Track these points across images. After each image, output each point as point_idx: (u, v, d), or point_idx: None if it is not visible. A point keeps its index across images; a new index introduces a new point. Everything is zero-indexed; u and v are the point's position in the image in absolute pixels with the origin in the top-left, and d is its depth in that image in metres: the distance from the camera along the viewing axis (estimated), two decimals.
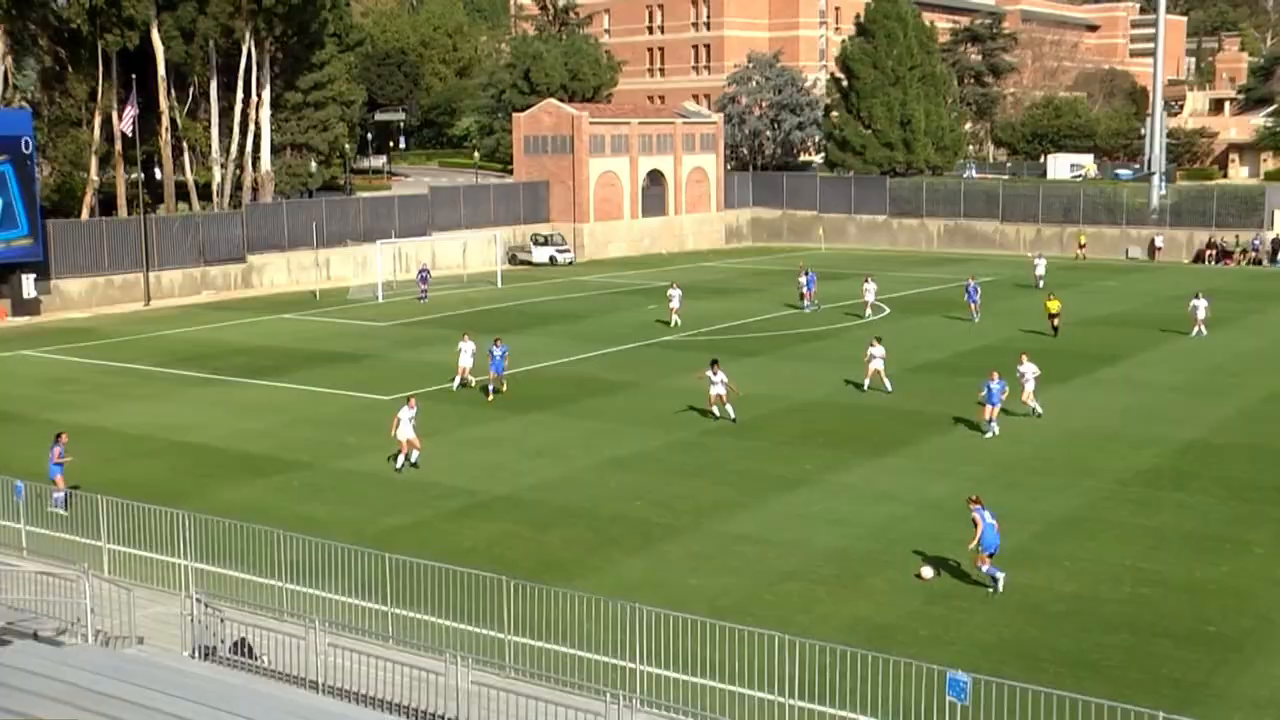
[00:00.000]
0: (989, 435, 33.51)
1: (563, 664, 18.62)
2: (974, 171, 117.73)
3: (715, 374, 35.60)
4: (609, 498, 28.46)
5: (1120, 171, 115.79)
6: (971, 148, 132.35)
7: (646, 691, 17.79)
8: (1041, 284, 63.58)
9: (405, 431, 30.71)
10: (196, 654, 18.00)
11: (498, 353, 38.83)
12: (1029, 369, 35.60)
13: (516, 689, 16.02)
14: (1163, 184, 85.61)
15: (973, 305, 53.74)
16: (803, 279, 58.79)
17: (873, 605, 22.05)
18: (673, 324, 52.37)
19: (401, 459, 30.98)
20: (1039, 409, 35.48)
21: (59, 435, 28.60)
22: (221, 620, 18.31)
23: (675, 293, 53.63)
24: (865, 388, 39.30)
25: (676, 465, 31.20)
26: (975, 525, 22.86)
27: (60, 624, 18.53)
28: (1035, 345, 46.48)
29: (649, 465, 31.20)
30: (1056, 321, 49.66)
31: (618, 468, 30.98)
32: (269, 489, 29.54)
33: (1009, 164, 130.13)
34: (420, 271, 65.27)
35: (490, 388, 38.86)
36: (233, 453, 32.94)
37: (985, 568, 22.77)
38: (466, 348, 39.71)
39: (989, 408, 33.74)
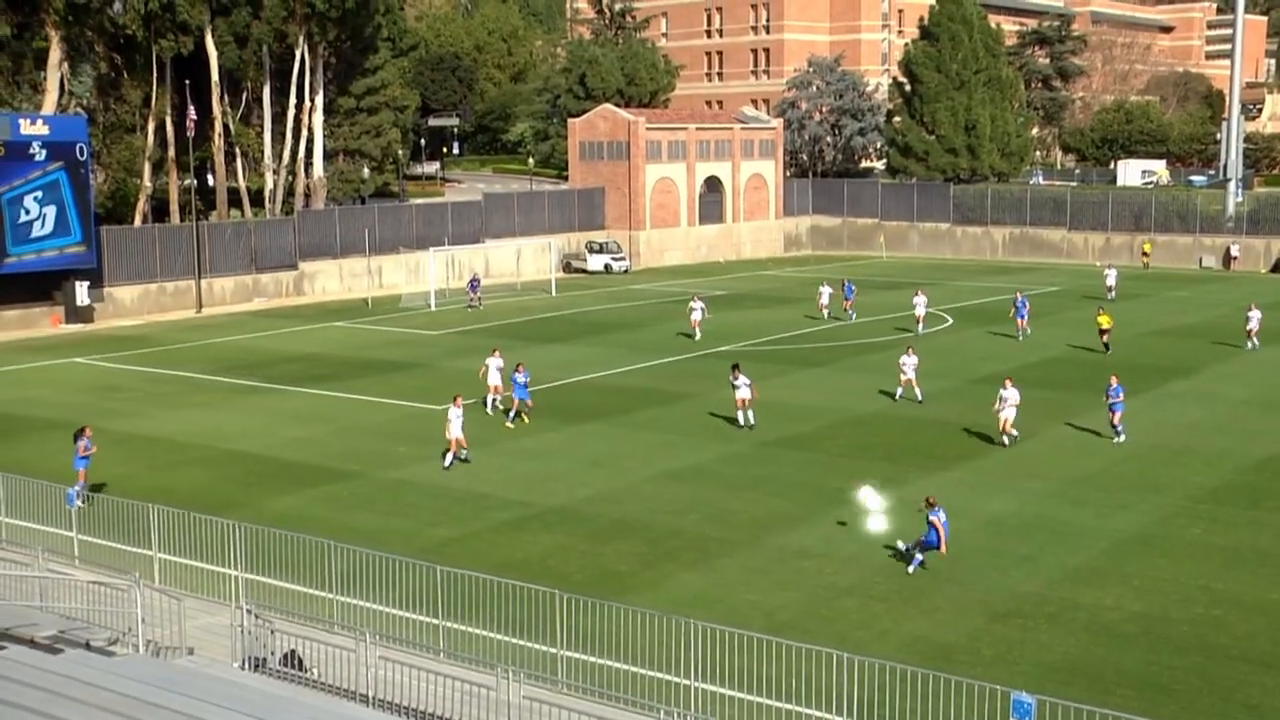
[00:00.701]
0: (1119, 440, 33.97)
1: (616, 680, 18.63)
2: (1041, 178, 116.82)
3: (737, 378, 36.07)
4: (664, 510, 28.45)
5: (1194, 178, 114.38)
6: (1039, 154, 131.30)
7: (701, 709, 17.78)
8: (1113, 295, 62.69)
9: (454, 430, 31.89)
10: (246, 665, 18.20)
11: (521, 379, 36.76)
12: (1011, 394, 33.78)
13: (569, 705, 16.07)
14: (1239, 190, 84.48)
15: (1021, 321, 51.61)
16: (824, 289, 58.21)
17: (933, 623, 21.90)
18: (695, 337, 51.99)
19: (450, 457, 31.96)
20: (1007, 440, 33.65)
21: (83, 429, 29.13)
22: (272, 632, 18.49)
23: (698, 305, 53.17)
24: (897, 397, 39.60)
25: (733, 478, 31.16)
26: (936, 529, 23.75)
27: (112, 634, 18.79)
28: (1091, 360, 46.08)
29: (705, 478, 31.17)
30: (1107, 338, 48.01)
31: (673, 480, 30.98)
32: (318, 499, 29.79)
33: (1077, 170, 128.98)
34: (471, 280, 65.68)
35: (513, 412, 37.01)
36: (282, 462, 33.25)
37: (913, 551, 24.16)
38: (494, 364, 38.74)
39: (1116, 413, 34.36)
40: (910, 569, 24.18)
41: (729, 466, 32.22)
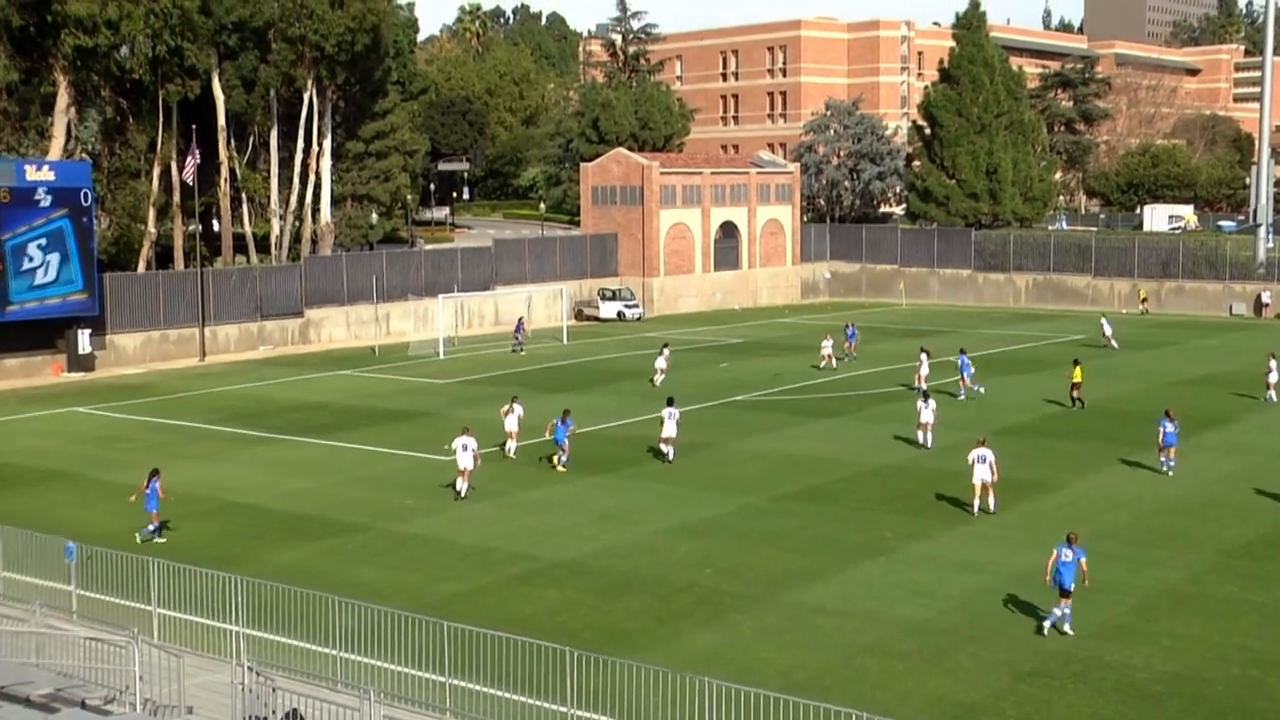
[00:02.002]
0: (1167, 472, 35.80)
1: None
2: (1065, 223, 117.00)
3: (669, 411, 38.58)
4: (678, 565, 28.34)
5: (1223, 223, 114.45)
6: (1062, 198, 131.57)
7: None
8: (1115, 344, 62.55)
9: (464, 460, 33.89)
10: None
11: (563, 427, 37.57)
12: (984, 453, 32.05)
13: None
14: (1270, 236, 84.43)
15: (964, 379, 49.03)
16: (825, 342, 58.59)
17: (956, 683, 21.72)
18: (655, 384, 52.55)
19: (463, 484, 33.99)
20: (985, 509, 32.43)
21: (155, 471, 31.00)
22: (273, 689, 18.39)
23: (664, 354, 54.70)
24: (921, 443, 40.22)
25: (748, 531, 31.05)
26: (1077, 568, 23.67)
27: (109, 691, 18.72)
28: (1119, 410, 45.85)
29: (720, 531, 31.07)
30: (1078, 393, 46.67)
31: (687, 533, 30.88)
32: (323, 552, 29.75)
33: (1102, 215, 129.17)
34: (518, 324, 66.89)
35: (564, 456, 37.81)
36: (286, 514, 33.24)
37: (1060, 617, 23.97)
38: (517, 409, 39.43)
39: (1169, 448, 35.85)
40: (1056, 627, 23.86)
41: (743, 520, 32.11)
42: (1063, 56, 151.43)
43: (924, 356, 50.54)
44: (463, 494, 34.15)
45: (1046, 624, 23.91)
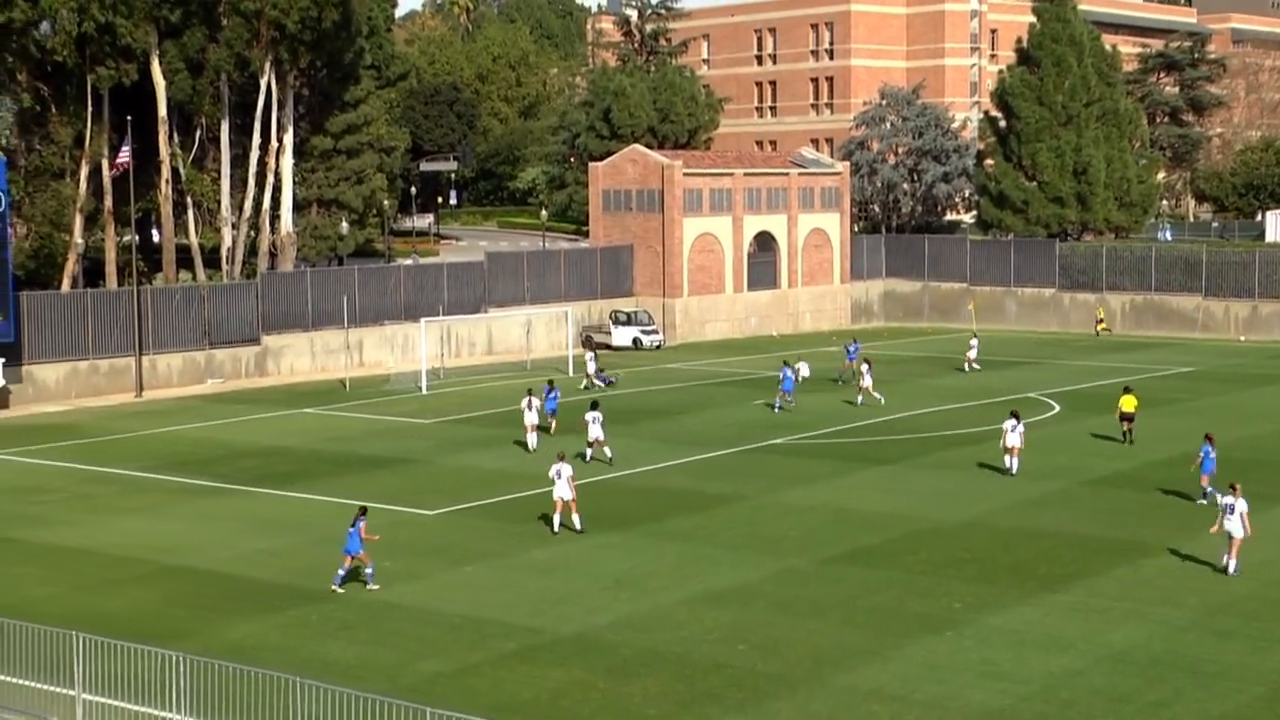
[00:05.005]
0: (1203, 502, 38.34)
1: None
2: (1169, 234, 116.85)
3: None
4: (704, 640, 28.34)
5: None
6: (1165, 203, 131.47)
7: None
8: (972, 366, 67.22)
9: (560, 490, 36.63)
10: None
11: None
12: (1237, 503, 32.54)
13: None
14: None
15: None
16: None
17: None
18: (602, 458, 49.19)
19: (558, 519, 36.79)
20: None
21: (364, 509, 33.18)
22: None
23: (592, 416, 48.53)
24: (1010, 468, 43.18)
25: (789, 600, 31.03)
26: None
27: None
28: (1231, 458, 45.66)
29: (755, 600, 31.07)
30: (1129, 425, 47.91)
31: (715, 603, 30.88)
32: (283, 625, 29.80)
33: (1215, 224, 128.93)
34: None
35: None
36: (240, 579, 33.30)
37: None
38: (534, 402, 46.83)
39: (1205, 475, 38.74)
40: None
41: (783, 587, 32.10)
42: (1167, 33, 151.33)
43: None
44: (574, 526, 36.65)
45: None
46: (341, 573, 32.07)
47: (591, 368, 63.95)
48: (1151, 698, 24.86)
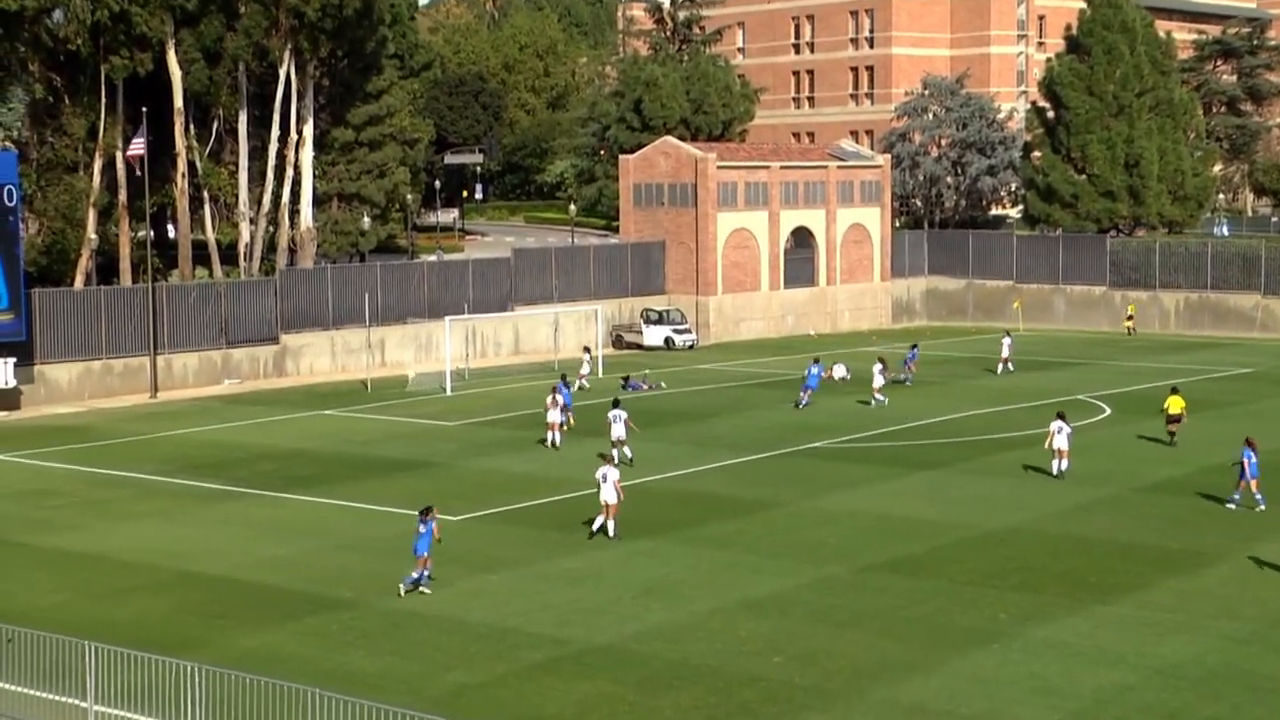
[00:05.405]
0: (1261, 509, 38.52)
1: None
2: (1226, 229, 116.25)
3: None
4: (739, 652, 28.25)
5: None
6: (1222, 197, 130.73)
7: None
8: (1007, 367, 67.65)
9: (605, 494, 36.49)
10: None
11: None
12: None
13: None
14: None
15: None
16: (876, 367, 58.99)
17: None
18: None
19: (602, 522, 36.77)
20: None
21: (430, 509, 32.78)
22: None
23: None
24: (1056, 471, 43.53)
25: (828, 610, 30.92)
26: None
27: None
28: (1226, 472, 45.38)
29: (792, 609, 30.96)
30: (1176, 427, 48.52)
31: (751, 612, 30.78)
32: (301, 634, 29.81)
33: (1275, 218, 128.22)
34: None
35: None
36: (256, 586, 33.32)
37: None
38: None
39: (1248, 481, 38.72)
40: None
41: (822, 596, 31.98)
42: (1224, 19, 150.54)
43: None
44: (607, 532, 36.66)
45: None
46: (415, 575, 32.27)
47: (585, 369, 64.39)
48: (1206, 713, 24.65)
